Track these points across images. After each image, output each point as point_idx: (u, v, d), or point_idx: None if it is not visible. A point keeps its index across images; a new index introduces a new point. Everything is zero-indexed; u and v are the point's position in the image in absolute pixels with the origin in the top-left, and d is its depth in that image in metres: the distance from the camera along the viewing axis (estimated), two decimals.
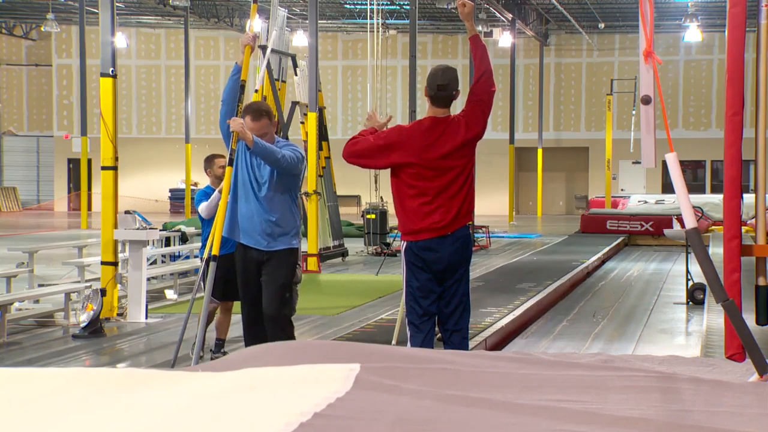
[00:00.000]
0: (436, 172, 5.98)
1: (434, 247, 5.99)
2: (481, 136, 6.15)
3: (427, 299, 6.05)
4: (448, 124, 6.06)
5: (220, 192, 8.55)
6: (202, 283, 8.77)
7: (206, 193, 8.84)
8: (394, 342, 8.82)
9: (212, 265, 7.14)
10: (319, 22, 22.27)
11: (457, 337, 6.12)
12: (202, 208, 8.76)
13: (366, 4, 26.33)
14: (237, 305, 8.24)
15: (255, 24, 7.43)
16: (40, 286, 12.61)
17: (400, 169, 6.04)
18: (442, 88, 6.02)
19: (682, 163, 4.45)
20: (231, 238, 6.89)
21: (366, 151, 6.05)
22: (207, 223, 8.86)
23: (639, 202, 29.43)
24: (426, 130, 6.04)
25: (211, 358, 8.41)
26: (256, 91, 11.35)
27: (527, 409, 3.08)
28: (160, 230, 14.27)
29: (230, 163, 6.73)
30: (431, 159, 5.98)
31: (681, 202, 3.89)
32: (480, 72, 6.13)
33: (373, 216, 21.14)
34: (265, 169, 6.63)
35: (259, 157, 6.54)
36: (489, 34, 34.78)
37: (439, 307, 6.10)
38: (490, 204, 36.27)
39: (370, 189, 22.80)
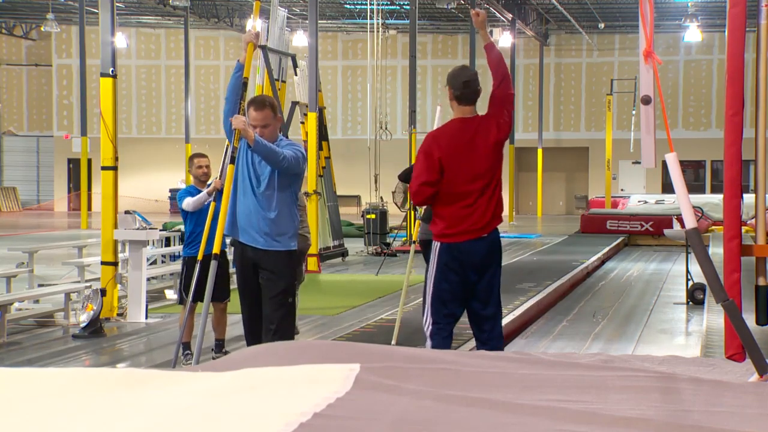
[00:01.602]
0: (475, 175, 5.98)
1: (470, 249, 6.00)
2: (507, 138, 6.18)
3: (455, 302, 6.07)
4: (479, 124, 6.06)
5: (209, 194, 8.54)
6: (182, 285, 8.77)
7: (189, 192, 8.83)
8: (394, 342, 8.82)
9: (213, 264, 7.13)
10: (319, 22, 22.28)
11: (495, 341, 6.12)
12: (188, 202, 8.73)
13: (366, 4, 26.34)
14: (234, 305, 8.24)
15: (256, 23, 7.43)
16: (40, 286, 12.61)
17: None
18: (467, 85, 6.01)
19: (682, 163, 4.44)
20: (231, 236, 6.88)
21: (419, 177, 6.02)
22: (190, 219, 8.85)
23: (639, 202, 29.42)
24: (458, 131, 6.04)
25: (212, 359, 8.40)
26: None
27: (527, 409, 3.08)
28: (160, 230, 14.28)
29: (232, 161, 6.71)
30: (468, 161, 5.98)
31: (681, 202, 3.89)
32: (499, 78, 6.12)
33: (373, 216, 21.16)
34: (266, 166, 6.60)
35: (260, 156, 6.51)
36: (489, 34, 34.72)
37: (475, 309, 6.11)
38: None
39: (370, 189, 22.82)
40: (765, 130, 5.34)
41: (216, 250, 7.10)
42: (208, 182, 8.92)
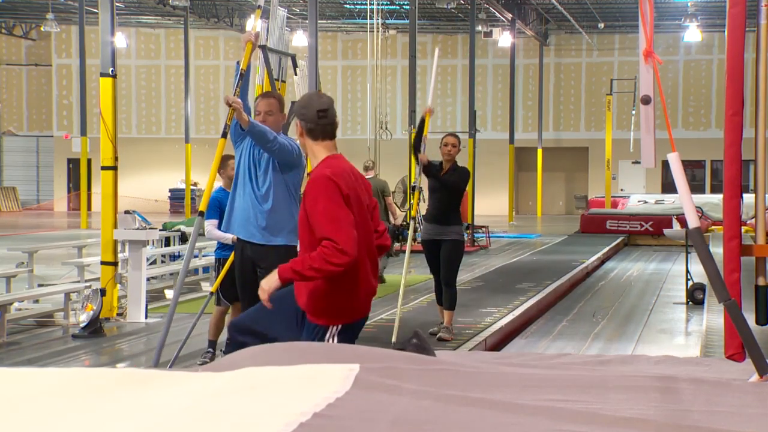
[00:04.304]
0: None
1: None
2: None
3: None
4: None
5: (231, 241, 8.44)
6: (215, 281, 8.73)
7: (216, 199, 8.72)
8: (393, 340, 8.81)
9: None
10: (319, 22, 22.28)
11: None
12: (211, 232, 8.60)
13: (366, 4, 26.33)
14: None
15: (256, 23, 7.42)
16: (40, 286, 12.61)
17: None
18: (323, 114, 4.87)
19: (681, 163, 4.43)
20: (228, 231, 6.87)
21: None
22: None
23: (639, 202, 29.44)
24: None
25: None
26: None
27: (527, 409, 3.08)
28: (160, 230, 14.28)
29: (224, 136, 6.68)
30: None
31: (683, 201, 3.89)
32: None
33: None
34: (263, 160, 6.61)
35: (253, 137, 6.47)
36: (489, 34, 34.77)
37: None
38: (490, 204, 36.27)
39: None
40: (765, 130, 5.34)
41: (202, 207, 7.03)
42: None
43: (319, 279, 4.70)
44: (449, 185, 9.60)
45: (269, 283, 4.72)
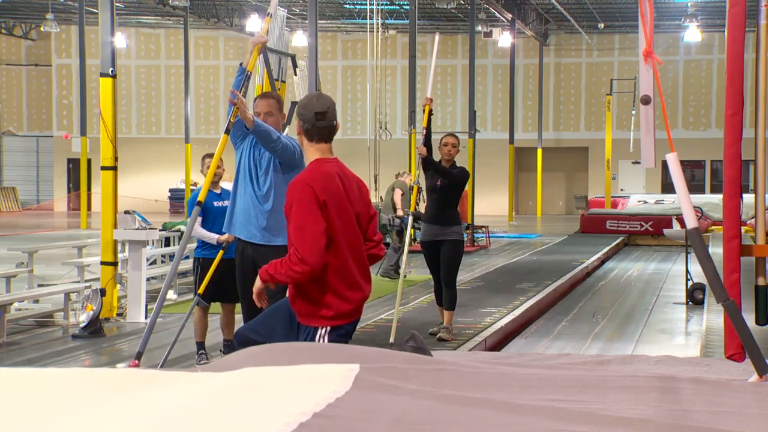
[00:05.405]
0: None
1: None
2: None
3: None
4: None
5: (218, 242, 8.46)
6: (198, 287, 8.77)
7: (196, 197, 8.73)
8: (391, 340, 8.82)
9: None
10: (319, 22, 22.27)
11: None
12: (198, 231, 8.64)
13: (366, 4, 26.32)
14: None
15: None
16: (40, 286, 12.61)
17: None
18: (321, 117, 4.90)
19: (681, 163, 4.44)
20: (229, 232, 6.87)
21: None
22: (205, 223, 8.83)
23: (639, 202, 29.45)
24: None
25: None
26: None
27: (527, 409, 3.08)
28: (160, 230, 14.28)
29: (227, 132, 6.65)
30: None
31: (682, 201, 3.89)
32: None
33: None
34: (264, 160, 6.61)
35: (257, 136, 6.46)
36: (489, 34, 34.77)
37: None
38: (490, 204, 36.27)
39: (369, 189, 22.72)
40: (765, 130, 5.34)
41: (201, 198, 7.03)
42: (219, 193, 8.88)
43: (291, 282, 4.81)
44: (451, 177, 9.57)
45: (255, 284, 4.97)
